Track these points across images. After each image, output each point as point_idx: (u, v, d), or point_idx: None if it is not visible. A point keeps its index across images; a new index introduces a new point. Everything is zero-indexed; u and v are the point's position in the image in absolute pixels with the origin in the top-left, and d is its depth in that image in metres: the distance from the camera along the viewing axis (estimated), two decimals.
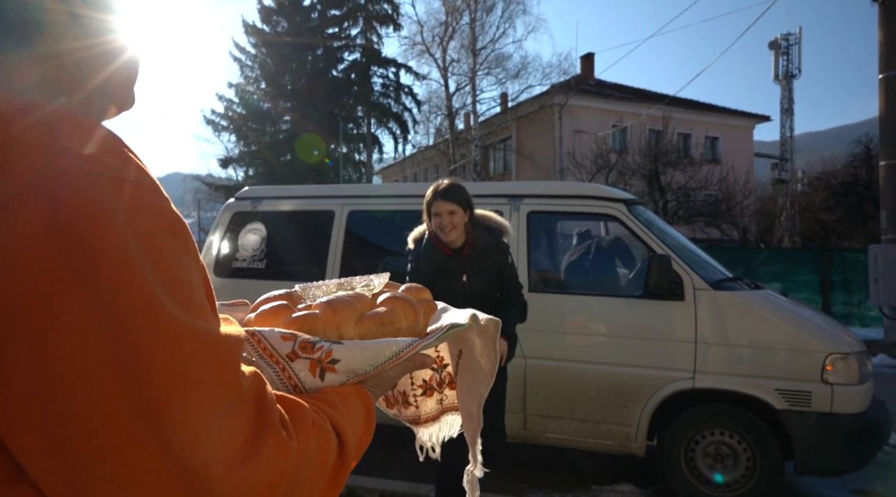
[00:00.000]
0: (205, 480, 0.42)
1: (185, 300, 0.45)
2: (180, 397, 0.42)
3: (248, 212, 4.41)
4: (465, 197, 2.68)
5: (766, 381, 3.17)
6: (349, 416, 0.61)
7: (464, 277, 2.68)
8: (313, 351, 0.64)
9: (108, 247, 0.40)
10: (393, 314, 0.72)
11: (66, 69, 0.52)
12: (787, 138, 24.31)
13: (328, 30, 27.78)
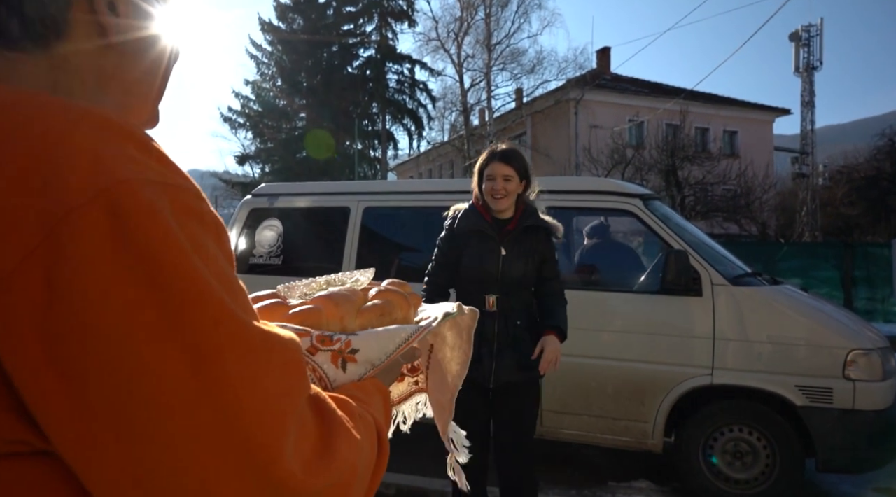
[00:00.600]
0: (286, 487, 0.41)
1: (246, 306, 0.44)
2: (260, 404, 0.41)
3: (265, 208, 4.45)
4: (523, 165, 2.45)
5: (786, 378, 3.13)
6: (378, 410, 0.62)
7: (502, 251, 2.40)
8: (332, 343, 0.65)
9: (175, 258, 0.39)
10: (389, 305, 0.74)
11: (82, 77, 0.52)
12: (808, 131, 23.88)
13: (343, 27, 27.86)
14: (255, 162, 28.85)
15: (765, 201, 18.55)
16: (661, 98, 21.50)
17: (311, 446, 0.44)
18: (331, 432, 0.47)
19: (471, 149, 23.14)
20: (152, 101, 0.59)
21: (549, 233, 2.48)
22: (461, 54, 23.01)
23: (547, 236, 2.48)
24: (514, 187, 2.41)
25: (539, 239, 2.46)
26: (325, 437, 0.46)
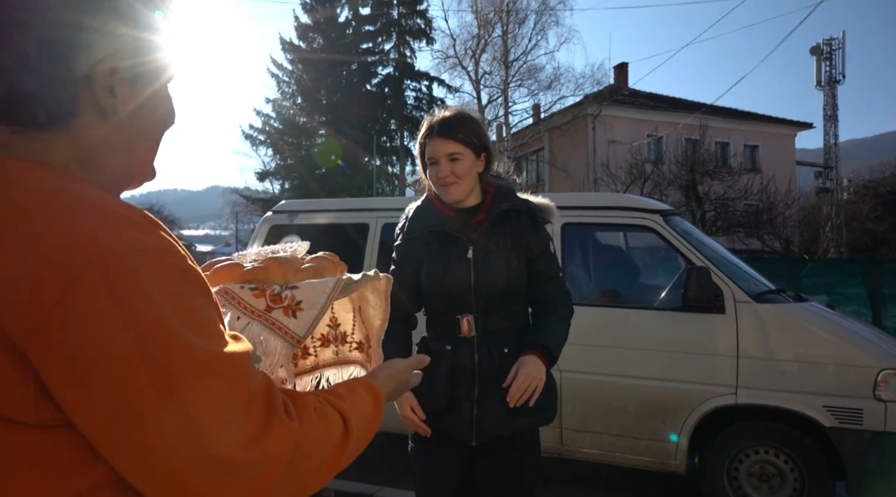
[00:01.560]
0: (228, 458, 0.59)
1: (202, 331, 0.61)
2: (203, 402, 0.59)
3: (285, 225, 4.50)
4: (475, 133, 1.78)
5: (814, 398, 3.05)
6: (353, 403, 0.78)
7: (469, 252, 1.77)
8: (281, 300, 0.86)
9: (142, 304, 0.57)
10: (321, 268, 0.95)
11: (95, 148, 0.68)
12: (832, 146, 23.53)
13: (362, 45, 28.29)
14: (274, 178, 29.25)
15: (788, 217, 18.25)
16: (680, 113, 21.40)
17: (249, 431, 0.61)
18: (269, 422, 0.63)
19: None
20: (151, 160, 0.76)
21: (534, 215, 1.82)
22: (478, 71, 23.20)
23: (532, 222, 1.82)
24: (465, 168, 1.76)
25: (522, 227, 1.80)
26: (263, 424, 0.62)
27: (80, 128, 0.67)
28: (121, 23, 0.67)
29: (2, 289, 0.54)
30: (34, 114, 0.64)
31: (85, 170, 0.68)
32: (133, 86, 0.69)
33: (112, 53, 0.66)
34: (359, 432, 0.77)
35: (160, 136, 0.76)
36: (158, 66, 0.72)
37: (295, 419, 0.66)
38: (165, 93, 0.75)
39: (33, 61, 0.62)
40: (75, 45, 0.64)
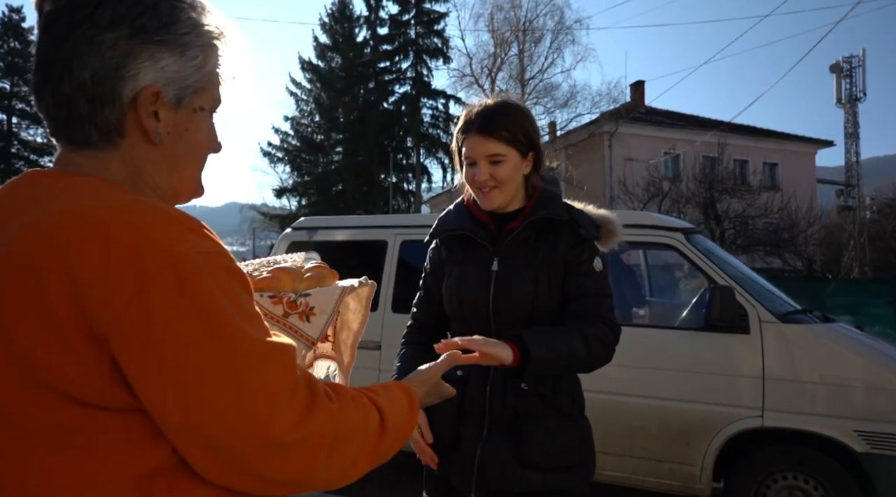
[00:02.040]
0: (280, 438, 0.66)
1: (254, 324, 0.69)
2: (262, 388, 0.66)
3: (304, 241, 4.52)
4: (522, 129, 1.50)
5: (844, 422, 2.96)
6: (389, 400, 0.85)
7: (494, 264, 1.52)
8: (297, 307, 0.95)
9: (209, 299, 0.65)
10: (321, 275, 1.05)
11: (142, 165, 0.76)
12: (853, 163, 23.23)
13: (380, 64, 28.68)
14: (292, 195, 29.59)
15: (810, 235, 17.97)
16: (698, 130, 21.28)
17: (296, 413, 0.68)
18: (313, 406, 0.70)
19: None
20: (196, 178, 0.83)
21: (578, 227, 1.51)
22: (495, 89, 23.34)
23: (575, 235, 1.51)
24: (508, 172, 1.49)
25: (561, 240, 1.50)
26: (308, 408, 0.69)
27: (129, 148, 0.75)
28: (166, 54, 0.73)
29: (85, 283, 0.61)
30: (89, 134, 0.73)
31: (136, 186, 0.76)
32: (175, 110, 0.76)
33: (156, 81, 0.73)
34: (394, 428, 0.82)
35: (203, 157, 0.83)
36: (201, 94, 0.79)
37: (335, 402, 0.73)
38: (208, 119, 0.82)
39: (88, 87, 0.71)
40: (123, 72, 0.71)
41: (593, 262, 1.52)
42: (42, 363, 0.61)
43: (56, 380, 0.61)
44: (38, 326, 0.61)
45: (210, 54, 0.78)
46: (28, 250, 0.63)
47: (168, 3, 0.74)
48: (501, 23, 22.86)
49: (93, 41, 0.70)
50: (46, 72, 0.72)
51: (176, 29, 0.74)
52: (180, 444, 0.65)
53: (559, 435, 1.46)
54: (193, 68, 0.76)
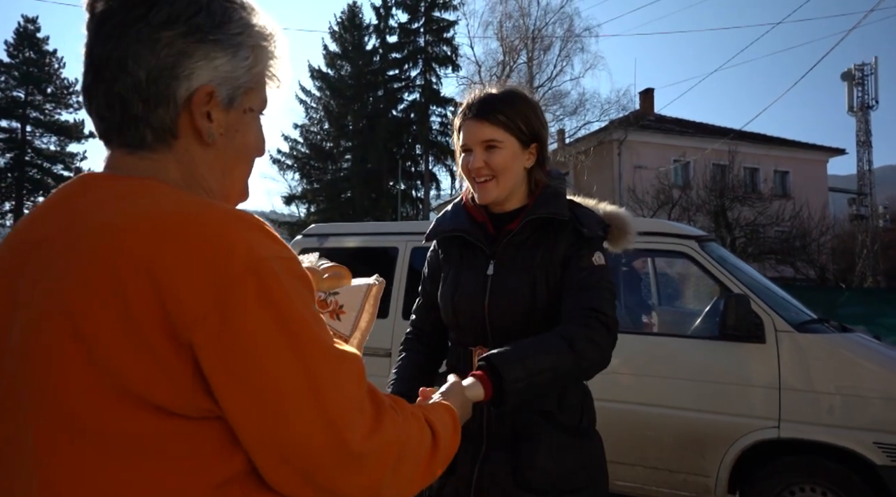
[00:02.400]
0: (354, 447, 0.65)
1: (325, 331, 0.68)
2: (338, 395, 0.65)
3: (315, 248, 4.52)
4: (522, 116, 1.39)
5: (863, 434, 2.91)
6: (438, 417, 0.85)
7: (490, 268, 1.41)
8: (327, 305, 0.97)
9: (288, 305, 0.64)
10: (339, 275, 1.09)
11: (196, 167, 0.75)
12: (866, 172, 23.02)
13: (389, 72, 28.86)
14: (301, 202, 29.75)
15: (822, 244, 17.80)
16: (708, 138, 21.20)
17: (367, 423, 0.67)
18: (380, 416, 0.70)
19: None
20: (245, 181, 0.83)
21: (580, 226, 1.39)
22: None
23: (576, 234, 1.39)
24: (504, 160, 1.38)
25: (561, 240, 1.39)
26: (376, 418, 0.69)
27: (183, 149, 0.74)
28: (220, 53, 0.73)
29: (167, 287, 0.60)
30: (143, 134, 0.72)
31: (190, 189, 0.74)
32: (227, 111, 0.75)
33: (210, 80, 0.73)
34: (444, 444, 0.82)
35: (252, 159, 0.83)
36: (251, 95, 0.78)
37: (400, 414, 0.74)
38: (257, 120, 0.81)
39: (143, 86, 0.70)
40: (178, 71, 0.71)
41: (593, 257, 1.37)
42: (124, 369, 0.59)
43: (138, 386, 0.60)
44: (121, 331, 0.59)
45: (259, 55, 0.77)
46: (106, 254, 0.61)
47: (221, 3, 0.73)
48: (510, 31, 22.94)
49: (148, 40, 0.69)
50: (99, 72, 0.71)
51: (228, 29, 0.73)
52: (256, 452, 0.64)
53: (563, 455, 1.33)
54: (245, 68, 0.75)
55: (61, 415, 0.60)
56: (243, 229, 0.65)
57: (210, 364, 0.60)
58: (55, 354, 0.60)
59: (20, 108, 33.40)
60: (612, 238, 1.50)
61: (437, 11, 28.05)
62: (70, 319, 0.60)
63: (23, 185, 33.52)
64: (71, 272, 0.62)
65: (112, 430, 0.60)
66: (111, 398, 0.60)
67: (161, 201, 0.66)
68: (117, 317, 0.59)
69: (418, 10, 28.12)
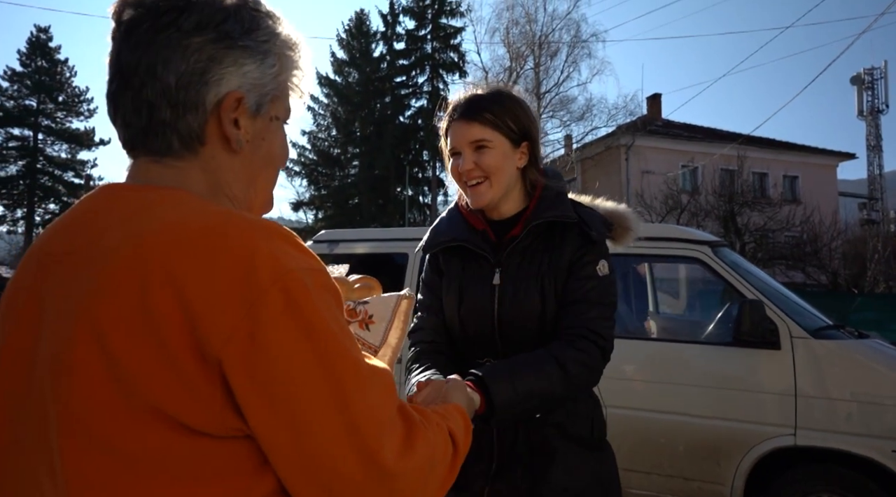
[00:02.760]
0: (384, 469, 0.62)
1: (355, 346, 0.65)
2: (368, 412, 0.62)
3: (325, 254, 4.54)
4: (510, 113, 1.35)
5: (882, 442, 2.87)
6: (456, 424, 0.82)
7: (496, 277, 1.36)
8: (357, 314, 0.96)
9: (317, 318, 0.62)
10: (369, 286, 1.10)
11: (222, 174, 0.74)
12: (876, 176, 22.87)
13: (396, 78, 28.98)
14: (308, 208, 29.84)
15: (834, 249, 17.66)
16: (716, 143, 21.12)
17: (399, 441, 0.65)
18: (412, 433, 0.67)
19: None
20: (269, 190, 0.82)
21: (588, 228, 1.34)
22: None
23: (583, 237, 1.34)
24: (495, 161, 1.33)
25: (567, 243, 1.34)
26: (408, 435, 0.66)
27: (209, 157, 0.73)
28: (248, 60, 0.73)
29: (195, 302, 0.58)
30: (170, 141, 0.71)
31: (215, 198, 0.73)
32: (254, 118, 0.75)
33: (239, 86, 0.72)
34: (462, 452, 0.79)
35: (277, 169, 0.82)
36: (276, 103, 0.78)
37: (429, 428, 0.71)
38: (281, 129, 0.81)
39: (172, 92, 0.70)
40: (208, 77, 0.71)
41: (597, 265, 1.33)
42: (150, 387, 0.58)
43: (164, 404, 0.58)
44: (146, 348, 0.58)
45: (285, 63, 0.77)
46: (132, 269, 0.60)
47: (249, 11, 0.74)
48: (517, 37, 22.99)
49: (178, 45, 0.69)
50: (127, 79, 0.70)
51: (257, 36, 0.74)
52: (285, 471, 0.61)
53: (579, 470, 1.30)
54: (271, 76, 0.75)
55: (87, 432, 0.59)
56: (267, 239, 0.63)
57: (238, 381, 0.58)
58: (82, 370, 0.59)
59: (32, 116, 33.79)
60: (615, 236, 1.48)
61: (444, 18, 28.18)
62: (97, 336, 0.59)
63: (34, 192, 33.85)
64: (98, 287, 0.61)
65: (137, 449, 0.58)
66: (136, 416, 0.58)
67: (186, 213, 0.65)
68: (143, 334, 0.58)
69: (425, 17, 28.26)
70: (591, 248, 1.34)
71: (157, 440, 0.58)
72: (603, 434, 1.41)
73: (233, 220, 0.64)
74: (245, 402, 0.59)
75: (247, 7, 0.74)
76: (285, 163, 0.84)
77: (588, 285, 1.31)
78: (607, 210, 1.48)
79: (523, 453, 1.31)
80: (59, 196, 34.56)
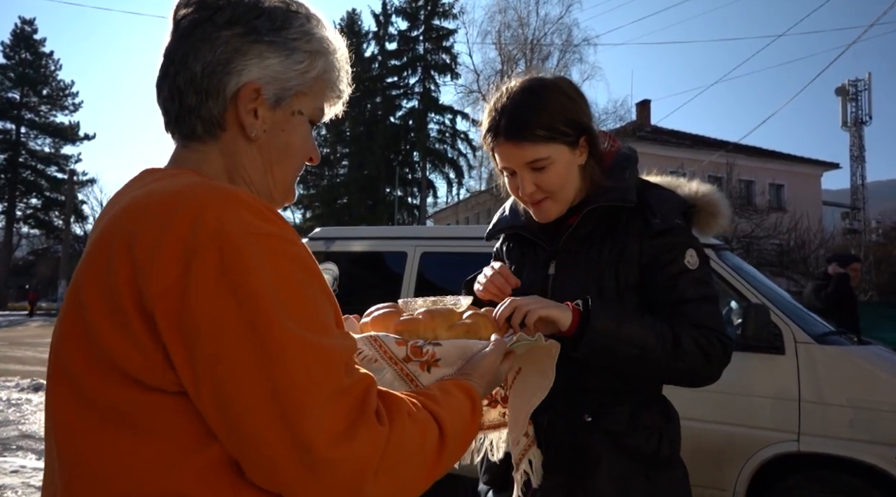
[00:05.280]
0: (310, 450, 0.59)
1: (304, 319, 0.63)
2: (294, 387, 0.60)
3: (321, 252, 4.46)
4: (562, 116, 1.20)
5: (885, 448, 2.86)
6: (449, 407, 0.76)
7: (551, 267, 1.28)
8: (422, 354, 0.86)
9: (253, 282, 0.61)
10: (476, 325, 0.95)
11: (240, 160, 0.78)
12: (859, 186, 23.21)
13: (388, 79, 28.91)
14: (296, 207, 29.63)
15: (820, 256, 17.89)
16: (704, 150, 21.32)
17: (338, 426, 0.61)
18: (359, 421, 0.63)
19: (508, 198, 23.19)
20: (288, 181, 0.83)
21: (652, 214, 1.22)
22: None
23: (645, 220, 1.22)
24: (559, 176, 1.21)
25: (632, 231, 1.22)
26: (353, 423, 0.62)
27: (228, 141, 0.78)
28: (273, 54, 0.77)
29: (140, 260, 0.61)
30: (194, 126, 0.77)
31: (232, 180, 0.78)
32: (273, 110, 0.78)
33: (259, 78, 0.76)
34: (455, 437, 0.76)
35: (296, 161, 0.83)
36: (301, 99, 0.80)
37: (386, 425, 0.66)
38: (304, 124, 0.83)
39: (197, 79, 0.76)
40: (231, 67, 0.75)
41: (685, 258, 1.18)
42: (108, 342, 0.62)
43: (118, 359, 0.62)
44: (104, 304, 0.63)
45: (317, 62, 0.80)
46: (108, 234, 0.66)
47: (283, 10, 0.79)
48: (509, 40, 23.08)
49: (209, 38, 0.75)
50: (167, 68, 0.77)
51: (286, 34, 0.78)
52: (219, 436, 0.62)
53: (631, 485, 1.15)
54: (297, 72, 0.79)
55: (69, 380, 0.65)
56: (222, 204, 0.64)
57: (168, 337, 0.60)
58: (67, 323, 0.66)
59: (15, 109, 33.19)
60: (699, 222, 1.31)
61: (437, 20, 28.18)
62: (77, 290, 0.66)
63: (16, 186, 33.23)
64: (88, 249, 0.68)
65: (104, 400, 0.63)
66: (101, 368, 0.63)
67: (169, 184, 0.68)
68: (103, 290, 0.63)
69: (418, 18, 28.24)
70: (667, 238, 1.19)
71: (115, 392, 0.63)
72: (674, 453, 1.23)
73: (199, 187, 0.66)
74: (174, 359, 0.61)
75: (283, 7, 0.79)
76: (314, 159, 0.85)
77: (683, 282, 1.18)
78: (691, 193, 1.32)
79: (568, 460, 1.18)
80: (42, 190, 33.99)
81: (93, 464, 0.63)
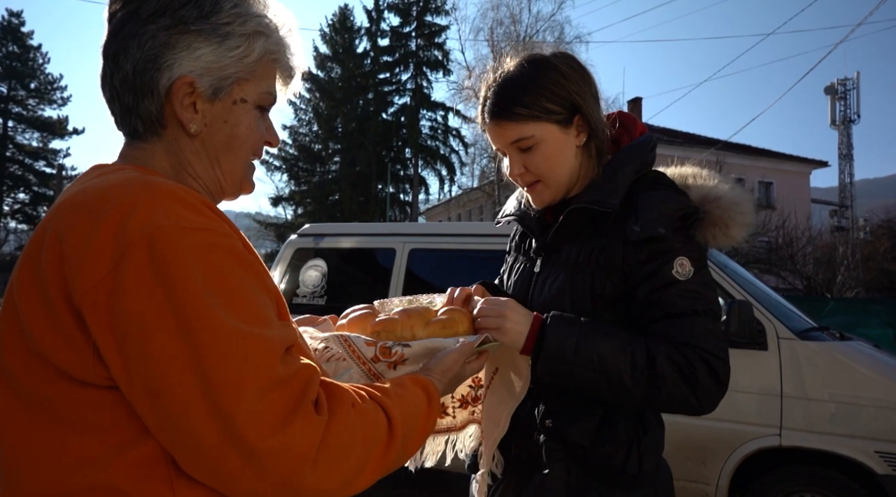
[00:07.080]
0: (244, 441, 0.59)
1: (238, 310, 0.62)
2: (224, 378, 0.59)
3: (310, 248, 4.45)
4: (549, 93, 1.10)
5: (865, 442, 2.90)
6: (402, 399, 0.75)
7: (537, 265, 1.20)
8: (390, 355, 0.86)
9: (183, 275, 0.60)
10: (451, 321, 0.95)
11: (184, 155, 0.77)
12: (847, 184, 23.45)
13: (380, 75, 28.81)
14: (288, 204, 29.51)
15: (808, 254, 18.07)
16: (695, 148, 21.44)
17: (272, 416, 0.60)
18: (297, 411, 0.62)
19: (501, 195, 23.26)
20: (237, 173, 0.81)
21: (635, 219, 1.07)
22: None
23: (637, 219, 1.07)
24: (545, 158, 1.12)
25: (614, 236, 1.09)
26: (291, 412, 0.62)
27: (171, 139, 0.76)
28: (203, 43, 0.74)
29: (68, 255, 0.61)
30: (135, 125, 0.76)
31: (179, 177, 0.77)
32: (212, 102, 0.76)
33: (190, 71, 0.73)
34: (407, 431, 0.74)
35: (244, 151, 0.81)
36: (243, 86, 0.77)
37: (324, 414, 0.65)
38: (250, 112, 0.79)
39: (130, 78, 0.73)
40: (161, 63, 0.73)
41: (672, 268, 1.03)
42: (38, 336, 0.63)
43: (49, 353, 0.62)
44: (36, 300, 0.63)
45: (255, 44, 0.76)
46: (42, 229, 0.66)
47: None
48: (501, 37, 23.03)
49: (135, 34, 0.73)
50: (104, 67, 0.76)
51: (216, 19, 0.74)
52: (155, 432, 0.61)
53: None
54: (234, 58, 0.75)
55: (7, 377, 0.66)
56: (153, 198, 0.63)
57: (98, 333, 0.60)
58: (4, 321, 0.67)
59: (2, 103, 32.80)
60: (707, 227, 1.10)
61: (430, 16, 28.09)
62: (11, 287, 0.66)
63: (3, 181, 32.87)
64: (25, 248, 0.68)
65: (38, 393, 0.63)
66: (34, 362, 0.63)
67: (104, 181, 0.67)
68: (34, 286, 0.63)
69: (410, 14, 28.14)
70: (651, 245, 1.04)
71: (48, 386, 0.63)
72: (643, 471, 1.07)
73: (133, 183, 0.65)
74: (105, 354, 0.60)
75: None
76: (260, 146, 0.82)
77: (668, 295, 1.02)
78: (704, 193, 1.13)
79: (524, 463, 1.11)
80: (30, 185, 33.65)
81: (26, 457, 0.63)
